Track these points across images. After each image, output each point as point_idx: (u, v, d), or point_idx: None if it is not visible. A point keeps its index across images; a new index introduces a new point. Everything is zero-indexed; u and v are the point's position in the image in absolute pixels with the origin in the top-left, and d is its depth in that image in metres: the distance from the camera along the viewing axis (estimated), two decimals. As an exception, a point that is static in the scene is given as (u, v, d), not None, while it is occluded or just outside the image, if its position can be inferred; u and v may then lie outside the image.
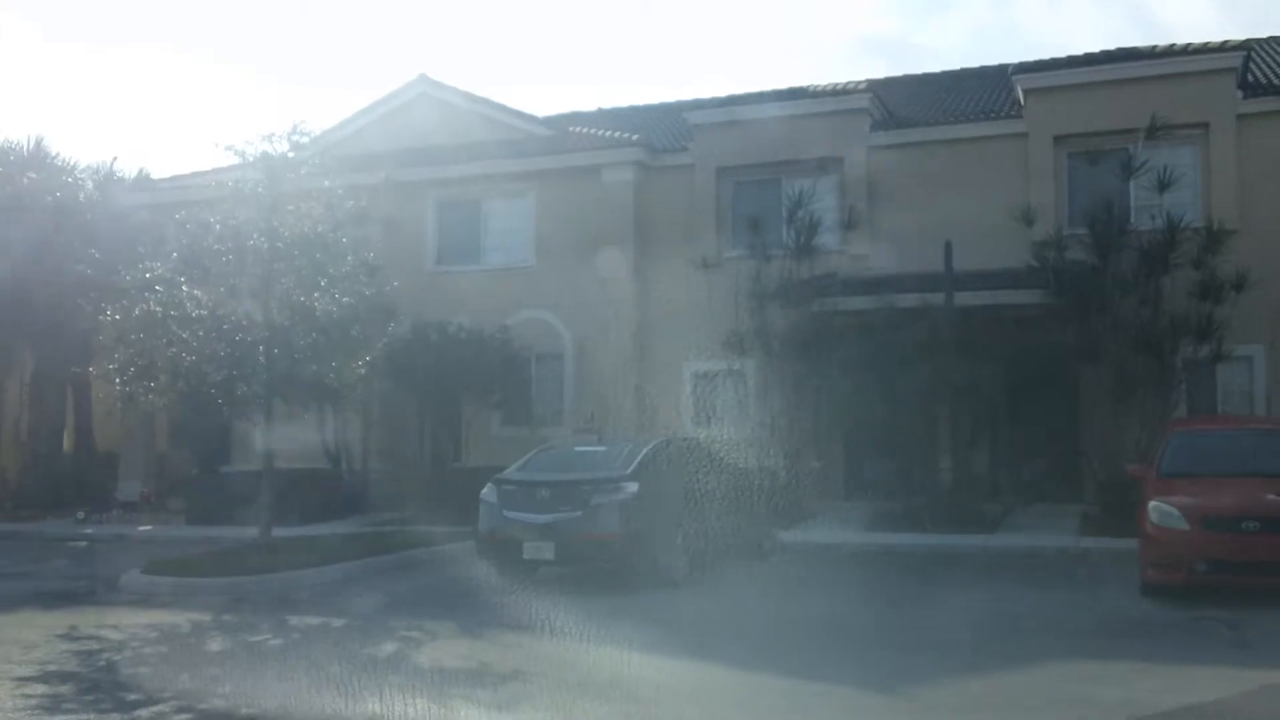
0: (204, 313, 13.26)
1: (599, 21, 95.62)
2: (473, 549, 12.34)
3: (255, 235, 13.25)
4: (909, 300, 16.04)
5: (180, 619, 10.39)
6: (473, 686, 7.51)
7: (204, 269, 13.45)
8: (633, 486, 11.21)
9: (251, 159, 13.64)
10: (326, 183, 14.75)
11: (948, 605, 10.47)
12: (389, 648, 8.93)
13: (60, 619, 10.37)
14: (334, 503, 19.73)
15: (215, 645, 9.20)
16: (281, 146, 13.78)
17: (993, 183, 18.00)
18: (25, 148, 24.32)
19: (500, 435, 20.88)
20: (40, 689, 7.35)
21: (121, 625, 9.93)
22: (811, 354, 17.72)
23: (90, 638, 9.41)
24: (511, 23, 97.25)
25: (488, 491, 11.89)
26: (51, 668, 8.05)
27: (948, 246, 15.81)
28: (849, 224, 18.21)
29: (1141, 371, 15.48)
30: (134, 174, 25.49)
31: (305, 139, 13.82)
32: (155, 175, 25.11)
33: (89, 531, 19.19)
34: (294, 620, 10.35)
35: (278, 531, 14.28)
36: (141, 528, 19.42)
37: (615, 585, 11.23)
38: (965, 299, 15.72)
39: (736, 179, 20.31)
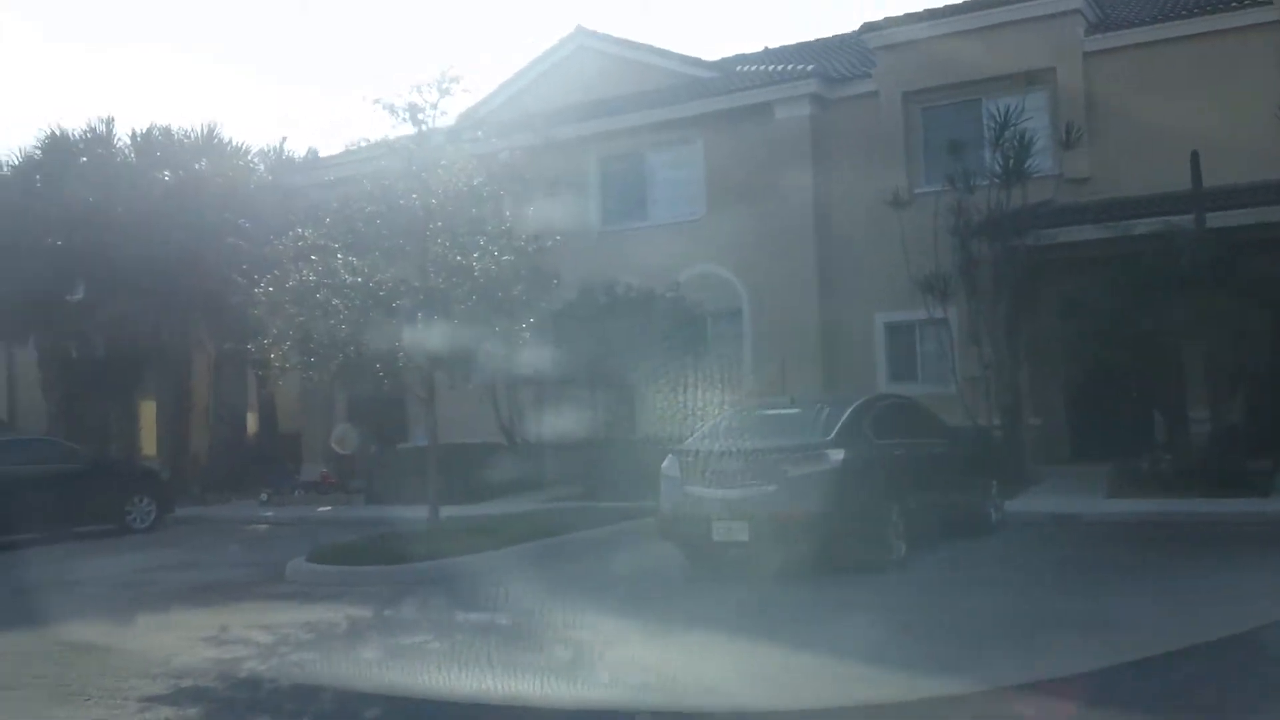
0: (358, 279, 12.27)
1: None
2: (653, 528, 11.04)
3: (407, 193, 12.16)
4: (1147, 225, 13.77)
5: (338, 615, 9.39)
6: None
7: (356, 233, 12.47)
8: (838, 454, 9.59)
9: (400, 109, 12.55)
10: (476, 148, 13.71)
11: (1256, 593, 8.25)
12: (564, 654, 7.64)
13: (212, 617, 9.52)
14: (506, 479, 18.78)
15: (371, 651, 8.10)
16: (431, 96, 12.66)
17: (1241, 83, 15.44)
18: (199, 135, 24.26)
19: (674, 401, 19.53)
20: (165, 713, 6.33)
21: (275, 625, 8.98)
22: (1027, 294, 15.69)
23: (238, 641, 8.47)
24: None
25: (668, 464, 10.49)
26: (186, 683, 7.07)
27: (1194, 158, 13.48)
28: (1067, 143, 15.94)
29: None
30: (303, 154, 25.28)
31: (454, 85, 12.61)
32: (324, 154, 24.75)
33: (270, 514, 18.87)
34: (460, 616, 9.22)
35: (449, 511, 13.30)
36: (321, 509, 18.96)
37: (820, 570, 9.69)
38: (1219, 220, 13.38)
39: (927, 104, 18.27)
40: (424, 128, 12.71)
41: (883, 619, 7.98)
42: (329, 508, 19.01)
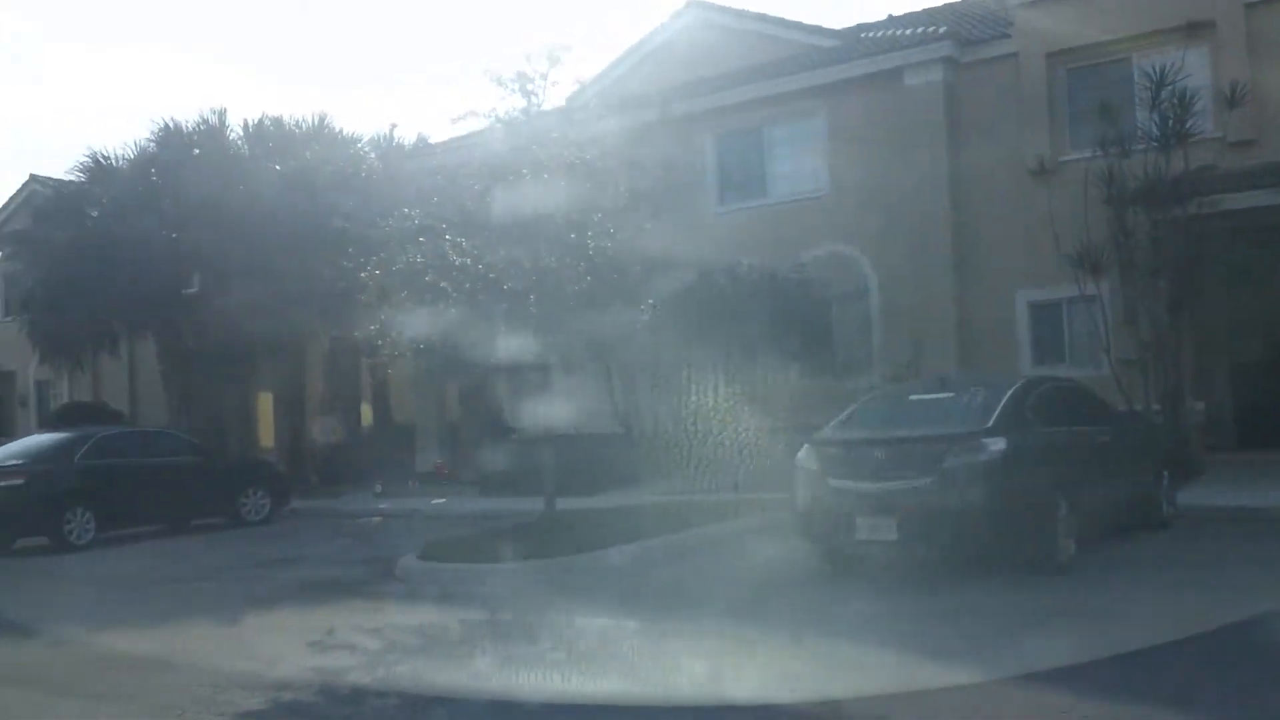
0: (467, 261, 11.62)
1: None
2: (784, 524, 10.14)
3: (517, 168, 11.47)
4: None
5: (450, 619, 8.75)
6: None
7: (465, 212, 11.83)
8: (999, 443, 8.54)
9: (509, 80, 11.87)
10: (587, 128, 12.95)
11: None
12: (700, 667, 6.81)
13: (320, 618, 8.97)
14: (622, 470, 18.05)
15: (483, 662, 7.39)
16: (540, 66, 11.96)
17: None
18: (309, 125, 24.09)
19: (800, 388, 18.56)
20: (260, 735, 5.70)
21: (383, 628, 8.38)
22: (1190, 268, 14.31)
23: (343, 647, 7.87)
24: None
25: (805, 455, 9.55)
26: (286, 696, 6.45)
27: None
28: (1231, 102, 14.47)
29: None
30: (412, 141, 24.92)
31: (564, 53, 11.88)
32: (433, 140, 24.36)
33: (383, 507, 18.49)
34: (580, 621, 8.46)
35: (564, 504, 12.58)
36: (435, 501, 18.51)
37: (976, 572, 8.70)
38: None
39: (1071, 64, 16.88)
40: (533, 99, 12.03)
41: (1082, 631, 6.92)
42: (443, 500, 18.54)
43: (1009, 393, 9.22)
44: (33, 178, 28.81)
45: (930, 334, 17.24)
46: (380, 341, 12.06)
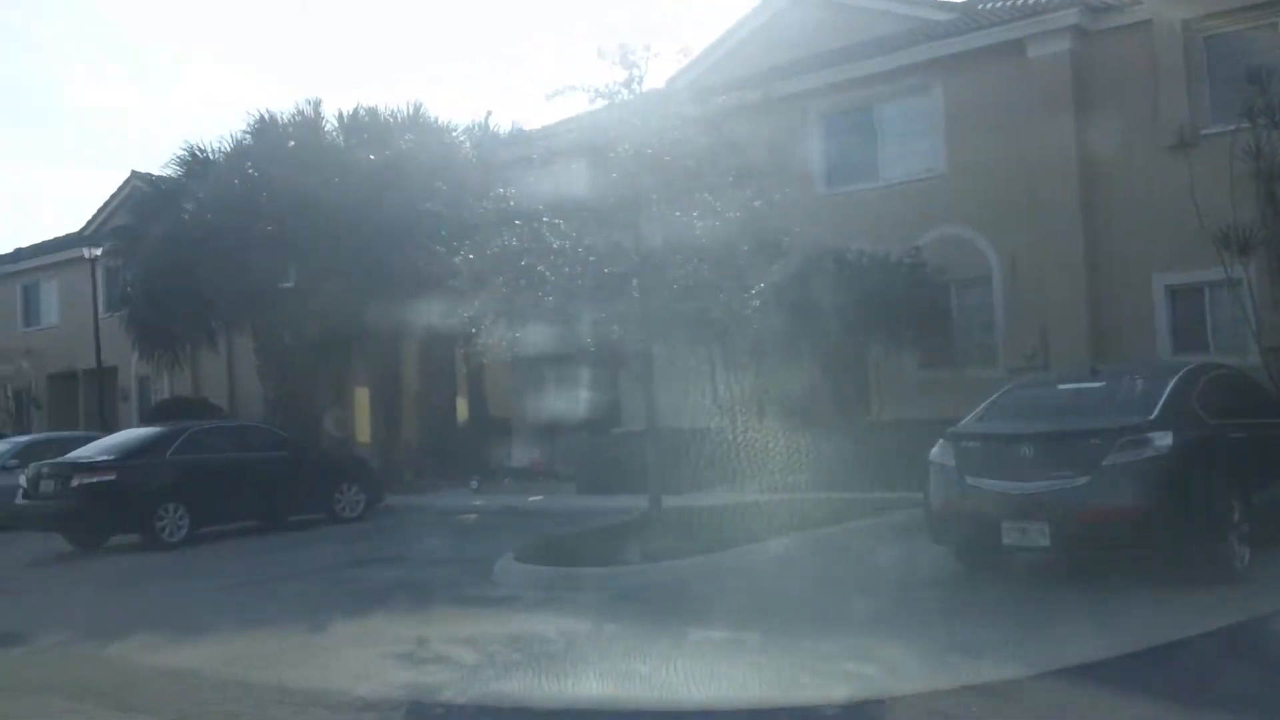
0: (565, 243, 10.92)
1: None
2: (905, 524, 9.26)
3: (618, 141, 10.73)
4: None
5: (551, 628, 8.03)
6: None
7: (563, 192, 11.13)
8: (1165, 437, 7.54)
9: (610, 53, 11.16)
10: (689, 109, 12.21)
11: None
12: (840, 691, 5.97)
13: (412, 626, 8.36)
14: (725, 466, 17.19)
15: (591, 684, 6.62)
16: (642, 39, 11.23)
17: None
18: (404, 114, 23.74)
19: (916, 379, 17.56)
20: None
21: (478, 639, 7.69)
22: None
23: (435, 660, 7.22)
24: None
25: (940, 451, 8.64)
26: (369, 717, 5.77)
27: None
28: (1403, 62, 13.12)
29: None
30: (508, 129, 24.44)
31: (667, 29, 11.09)
32: (529, 128, 23.82)
33: (479, 503, 17.98)
34: (693, 634, 7.66)
35: (668, 501, 11.84)
36: (531, 498, 17.93)
37: (1139, 581, 7.71)
38: None
39: (1210, 31, 15.58)
40: (635, 71, 11.29)
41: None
42: (539, 496, 17.95)
43: (1173, 381, 8.20)
44: (134, 174, 29.05)
45: (1058, 321, 16.13)
46: (475, 329, 11.42)
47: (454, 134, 23.49)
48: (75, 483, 14.08)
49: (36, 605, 10.94)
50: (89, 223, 31.32)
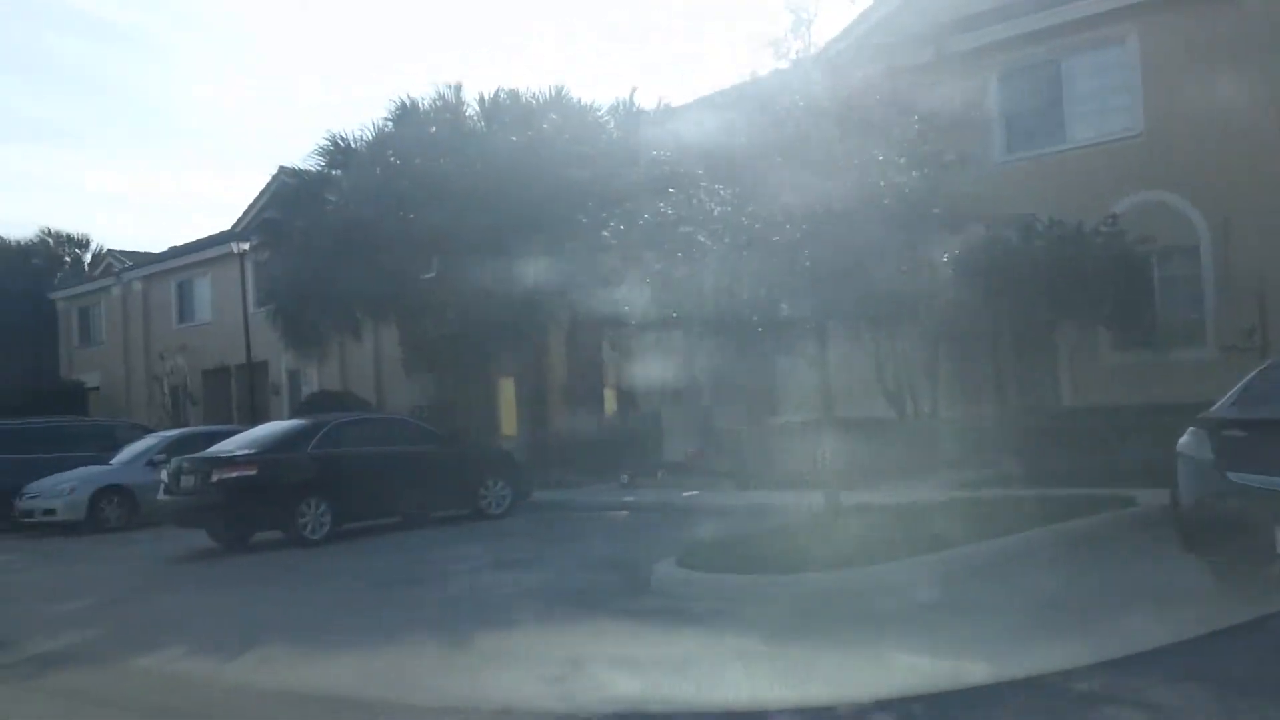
0: (727, 209, 9.70)
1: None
2: (1124, 528, 7.73)
3: (786, 91, 9.46)
4: None
5: (724, 648, 6.81)
6: None
7: (723, 154, 9.91)
8: None
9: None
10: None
11: None
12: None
13: (563, 642, 7.30)
14: (896, 459, 15.71)
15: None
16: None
17: None
18: (546, 95, 22.91)
19: (1112, 362, 15.82)
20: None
21: (640, 661, 6.56)
22: None
23: (591, 688, 6.12)
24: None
25: (1190, 441, 7.11)
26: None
27: None
28: None
29: None
30: (654, 106, 23.32)
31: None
32: (675, 104, 22.67)
33: (630, 499, 16.89)
34: (899, 658, 6.33)
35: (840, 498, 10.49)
36: (686, 494, 16.75)
37: None
38: None
39: None
40: (803, 14, 9.99)
41: None
42: (695, 492, 16.76)
43: None
44: (281, 169, 28.99)
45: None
46: (626, 307, 10.30)
47: (598, 113, 22.49)
48: (215, 478, 13.54)
49: (160, 610, 10.30)
50: (239, 220, 31.55)
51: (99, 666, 7.59)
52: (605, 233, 10.59)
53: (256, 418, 25.54)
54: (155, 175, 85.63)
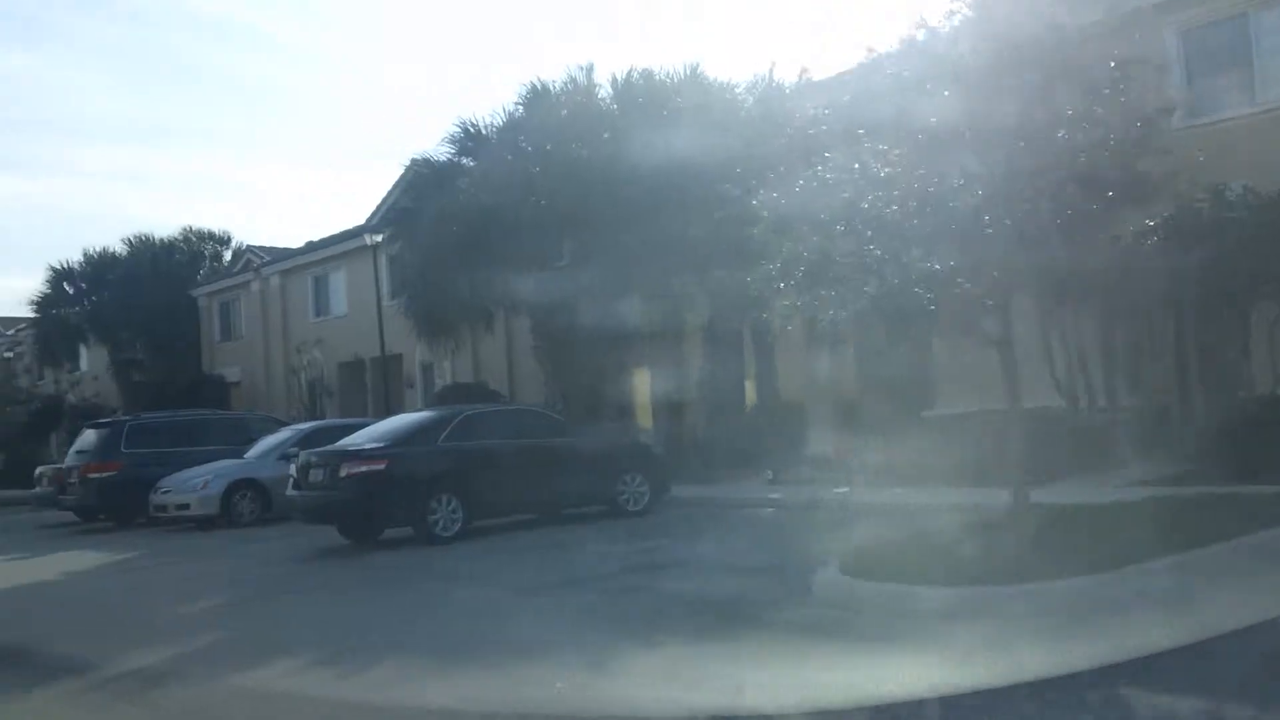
0: (896, 171, 8.61)
1: None
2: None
3: (965, 32, 8.33)
4: None
5: (914, 677, 5.75)
6: None
7: (891, 108, 8.82)
8: None
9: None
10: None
11: None
12: None
13: (720, 663, 6.35)
14: (1070, 452, 14.27)
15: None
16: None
17: None
18: (680, 74, 22.03)
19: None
20: None
21: (813, 690, 5.57)
22: None
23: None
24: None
25: None
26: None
27: None
28: None
29: None
30: (794, 81, 22.18)
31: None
32: (817, 78, 21.47)
33: (776, 496, 15.90)
34: (1152, 701, 5.17)
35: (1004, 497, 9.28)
36: (837, 490, 15.62)
37: None
38: None
39: None
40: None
41: None
42: (846, 489, 15.62)
43: None
44: (413, 159, 28.74)
45: None
46: (779, 285, 9.27)
47: (735, 91, 21.46)
48: (344, 472, 12.99)
49: (282, 615, 9.70)
50: (373, 213, 31.50)
51: (211, 682, 6.96)
52: (755, 202, 9.60)
53: (391, 411, 25.29)
54: (293, 172, 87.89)
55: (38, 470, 23.59)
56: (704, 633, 7.33)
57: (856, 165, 8.80)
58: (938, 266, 8.49)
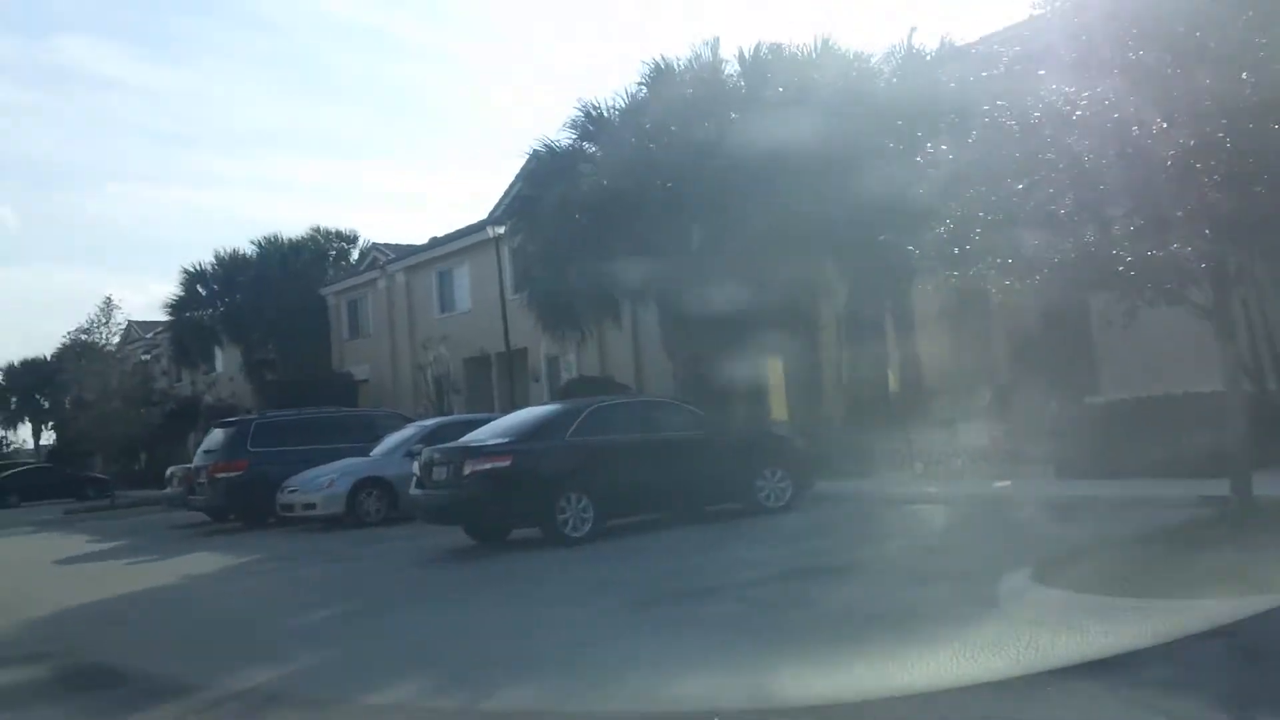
0: (1088, 114, 7.38)
1: None
2: None
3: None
4: None
5: (1149, 713, 4.60)
6: None
7: (1086, 38, 7.59)
8: None
9: None
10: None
11: None
12: None
13: (907, 693, 5.23)
14: (1252, 444, 12.72)
15: None
16: None
17: None
18: (812, 48, 20.84)
19: None
20: None
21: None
22: None
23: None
24: None
25: None
26: None
27: None
28: None
29: None
30: (935, 47, 20.76)
31: None
32: (960, 43, 20.01)
33: (931, 490, 14.71)
34: None
35: (1214, 489, 7.99)
36: (998, 484, 14.39)
37: None
38: None
39: None
40: None
41: None
42: (1007, 482, 14.35)
43: None
44: (533, 147, 28.13)
45: None
46: (956, 250, 8.10)
47: (871, 61, 20.16)
48: (467, 470, 12.23)
49: (404, 625, 8.93)
50: (495, 205, 31.05)
51: (323, 704, 6.20)
52: (919, 159, 8.45)
53: (516, 407, 24.72)
54: (418, 171, 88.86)
55: (168, 470, 23.67)
56: (883, 652, 6.22)
57: (1040, 108, 7.58)
58: (1143, 222, 7.23)
